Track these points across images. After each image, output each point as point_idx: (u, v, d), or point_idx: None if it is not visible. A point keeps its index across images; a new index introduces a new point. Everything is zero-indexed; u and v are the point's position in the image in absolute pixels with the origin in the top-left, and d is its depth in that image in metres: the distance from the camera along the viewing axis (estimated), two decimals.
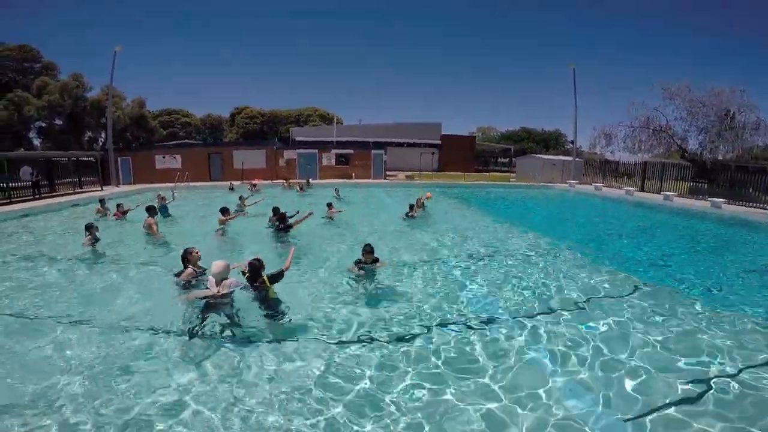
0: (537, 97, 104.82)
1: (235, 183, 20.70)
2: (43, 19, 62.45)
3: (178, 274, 5.44)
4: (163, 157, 24.23)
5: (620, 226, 12.60)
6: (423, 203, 11.99)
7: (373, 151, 26.95)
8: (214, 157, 24.92)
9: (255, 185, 19.61)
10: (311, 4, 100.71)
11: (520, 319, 4.63)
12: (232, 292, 4.51)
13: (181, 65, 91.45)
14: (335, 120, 41.57)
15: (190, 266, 5.39)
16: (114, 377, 3.39)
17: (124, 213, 11.15)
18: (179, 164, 23.88)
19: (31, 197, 16.28)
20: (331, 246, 8.18)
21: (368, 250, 5.91)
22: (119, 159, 23.13)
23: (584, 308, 4.96)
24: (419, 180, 24.59)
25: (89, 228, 7.75)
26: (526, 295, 5.49)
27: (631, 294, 5.48)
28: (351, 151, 26.83)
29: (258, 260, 4.72)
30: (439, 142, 35.33)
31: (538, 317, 4.68)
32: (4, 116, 26.26)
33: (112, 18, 75.74)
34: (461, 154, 34.57)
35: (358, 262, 5.94)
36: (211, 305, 4.41)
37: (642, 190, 19.61)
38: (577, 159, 25.85)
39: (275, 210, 9.26)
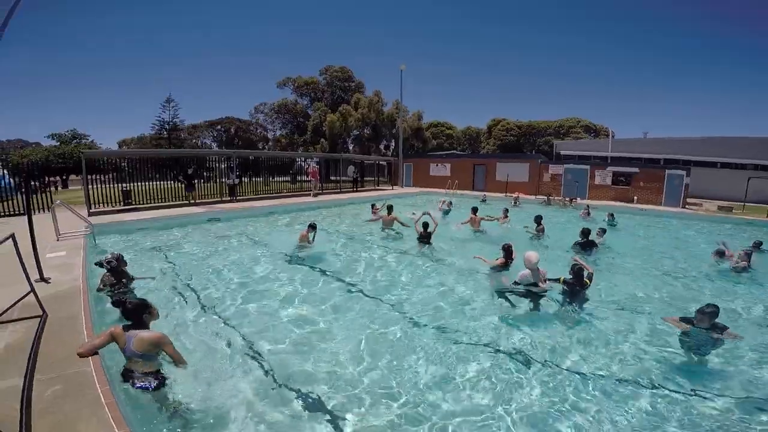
0: None
1: (495, 195, 20.96)
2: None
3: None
4: (436, 165, 27.39)
5: None
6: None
7: (668, 171, 21.40)
8: (479, 168, 26.10)
9: (517, 198, 19.18)
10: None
11: None
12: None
13: (438, 80, 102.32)
14: (610, 133, 35.94)
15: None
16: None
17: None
18: (448, 172, 26.38)
19: (351, 189, 21.80)
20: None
21: (711, 312, 4.09)
22: (404, 165, 27.76)
23: None
24: (742, 214, 17.62)
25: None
26: None
27: None
28: (636, 170, 22.21)
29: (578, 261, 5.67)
30: None
31: None
32: (337, 126, 36.30)
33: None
34: None
35: (686, 320, 4.31)
36: (532, 294, 5.23)
37: None
38: None
39: (539, 218, 10.43)
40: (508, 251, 6.56)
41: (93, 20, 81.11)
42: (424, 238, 8.64)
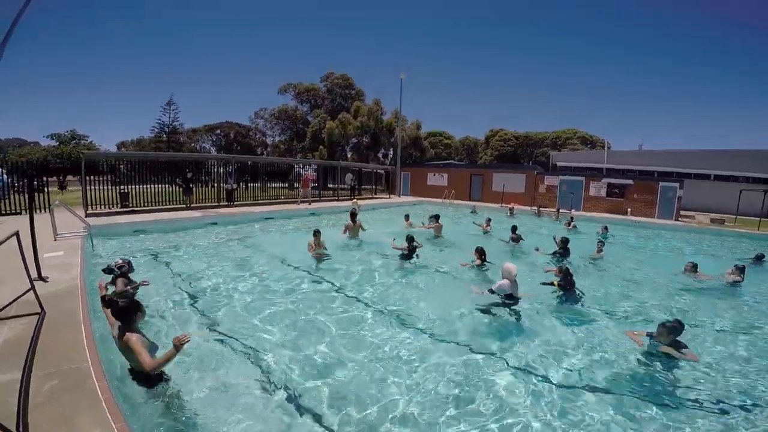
0: None
1: (490, 205, 21.16)
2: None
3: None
4: (434, 175, 27.61)
5: None
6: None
7: (661, 184, 21.72)
8: (475, 178, 26.34)
9: (512, 209, 19.35)
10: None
11: None
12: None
13: (438, 91, 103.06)
14: (606, 144, 36.43)
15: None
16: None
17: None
18: (445, 182, 26.60)
19: (349, 197, 21.92)
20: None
21: (671, 327, 4.08)
22: (402, 174, 27.97)
23: None
24: (734, 227, 17.87)
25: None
26: None
27: None
28: (630, 182, 22.51)
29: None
30: None
31: None
32: (336, 133, 36.54)
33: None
34: None
35: (650, 335, 4.31)
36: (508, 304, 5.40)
37: None
38: None
39: (514, 228, 10.97)
40: (480, 252, 7.69)
41: (96, 21, 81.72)
42: (410, 253, 8.22)
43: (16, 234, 3.99)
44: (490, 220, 13.26)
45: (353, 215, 10.68)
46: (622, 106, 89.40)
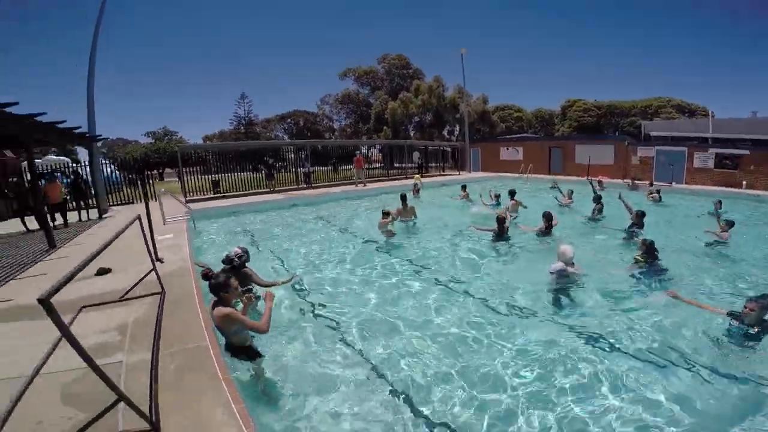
0: None
1: (574, 179, 19.42)
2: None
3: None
4: (507, 149, 26.02)
5: None
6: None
7: None
8: (555, 150, 24.31)
9: (601, 182, 17.53)
10: None
11: None
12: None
13: (508, 62, 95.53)
14: (710, 113, 31.25)
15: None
16: None
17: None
18: (520, 156, 24.96)
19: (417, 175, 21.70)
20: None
21: (761, 306, 3.53)
22: (471, 149, 26.81)
23: None
24: None
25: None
26: None
27: None
28: (745, 152, 19.02)
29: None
30: None
31: None
32: (399, 113, 36.19)
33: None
34: None
35: (733, 315, 3.84)
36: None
37: None
38: None
39: (598, 198, 10.28)
40: (548, 217, 7.70)
41: (165, 20, 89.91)
42: (501, 234, 7.63)
43: (138, 218, 4.34)
44: (572, 192, 12.14)
45: (404, 198, 9.72)
46: (723, 73, 75.14)
